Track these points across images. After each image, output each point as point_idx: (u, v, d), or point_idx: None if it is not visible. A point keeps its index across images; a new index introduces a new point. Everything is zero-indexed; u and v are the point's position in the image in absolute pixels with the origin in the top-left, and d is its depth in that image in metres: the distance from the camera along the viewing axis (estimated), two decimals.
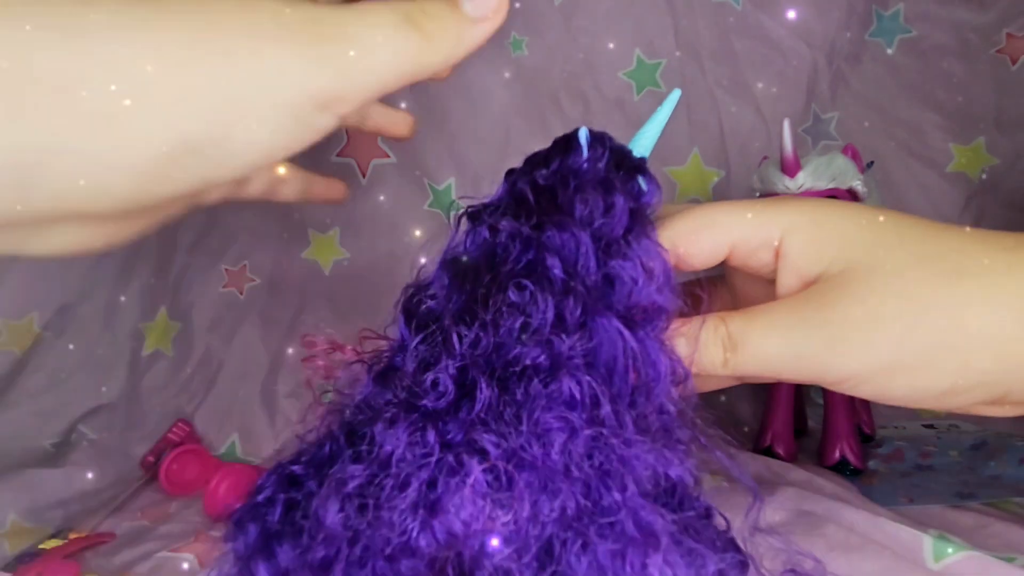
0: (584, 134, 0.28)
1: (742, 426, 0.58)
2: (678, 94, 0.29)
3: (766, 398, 0.53)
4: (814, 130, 0.73)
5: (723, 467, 0.24)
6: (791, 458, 0.49)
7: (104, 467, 0.56)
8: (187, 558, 0.41)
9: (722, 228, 0.27)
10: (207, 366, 0.68)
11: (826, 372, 0.25)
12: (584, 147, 0.28)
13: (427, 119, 0.73)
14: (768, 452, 0.50)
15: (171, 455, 0.55)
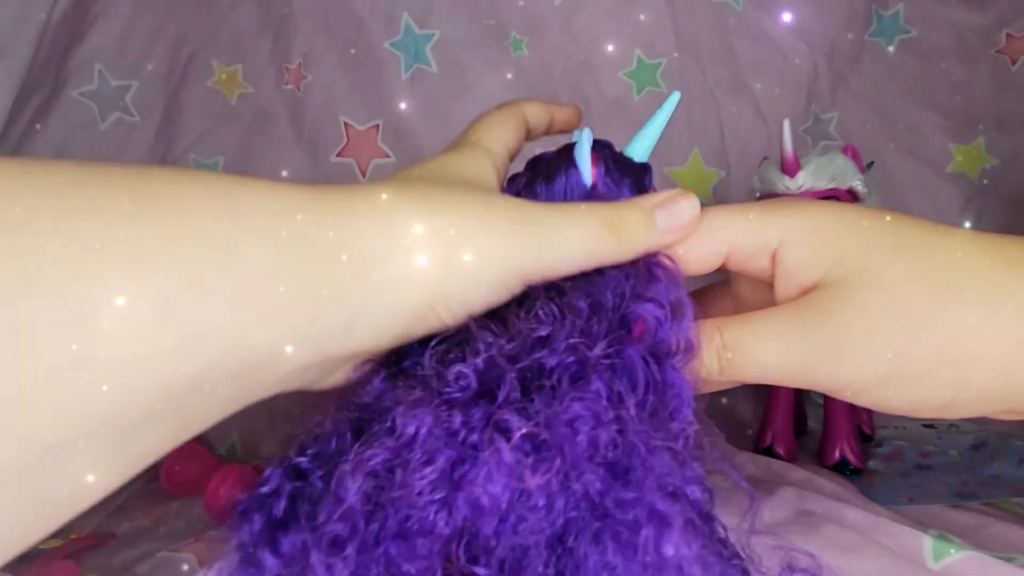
0: (585, 159, 0.28)
1: (743, 426, 0.58)
2: (677, 97, 0.29)
3: (766, 398, 0.53)
4: (814, 130, 0.73)
5: (721, 469, 0.24)
6: (791, 458, 0.49)
7: None
8: (187, 558, 0.41)
9: (719, 232, 0.27)
10: None
11: (822, 380, 0.24)
12: (585, 168, 0.27)
13: (427, 119, 0.73)
14: (768, 452, 0.50)
15: (171, 455, 0.55)
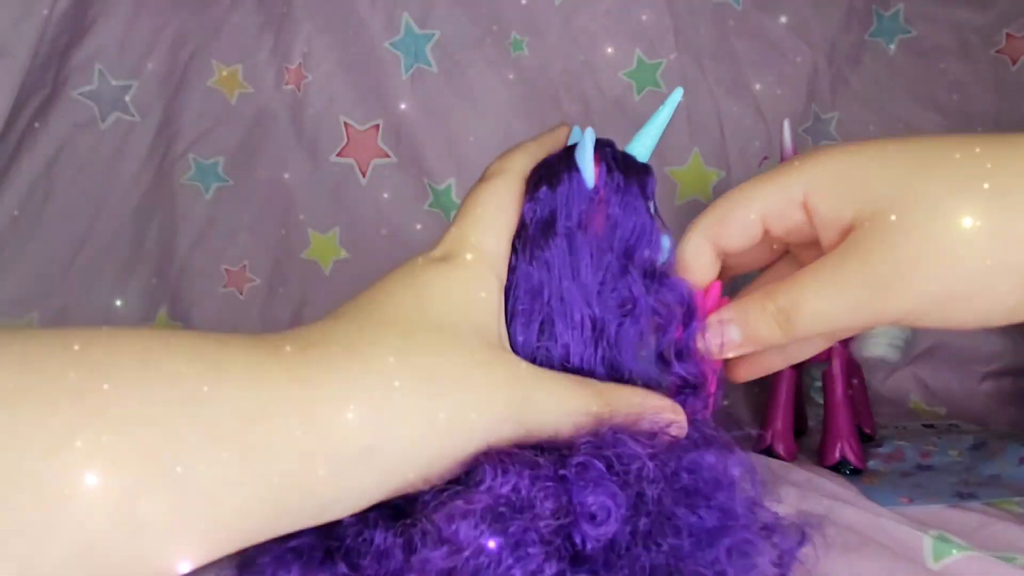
0: (587, 160, 0.27)
1: (743, 427, 0.58)
2: (679, 94, 0.29)
3: (766, 398, 0.53)
4: (814, 130, 0.73)
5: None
6: (791, 458, 0.49)
7: None
8: None
9: (746, 203, 0.27)
10: None
11: (882, 315, 0.24)
12: (587, 170, 0.27)
13: (427, 119, 0.73)
14: (768, 452, 0.50)
15: None
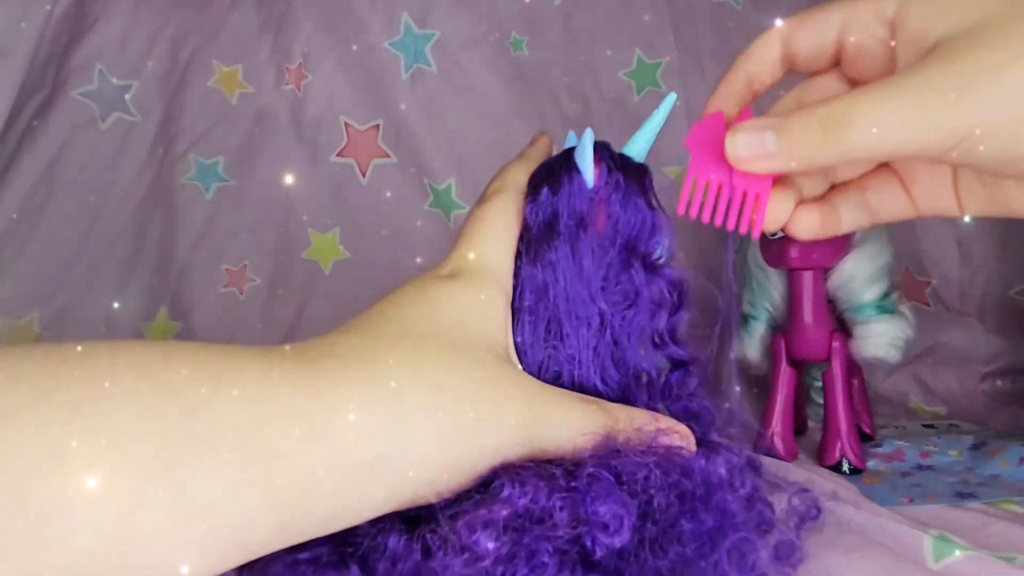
0: (588, 161, 0.28)
1: (742, 427, 0.58)
2: (673, 99, 0.29)
3: (766, 398, 0.53)
4: None
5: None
6: (791, 458, 0.49)
7: None
8: None
9: (833, 6, 0.26)
10: None
11: (948, 130, 0.22)
12: (587, 171, 0.27)
13: (427, 119, 0.73)
14: (768, 452, 0.50)
15: None
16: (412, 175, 0.73)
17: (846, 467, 0.46)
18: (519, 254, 0.27)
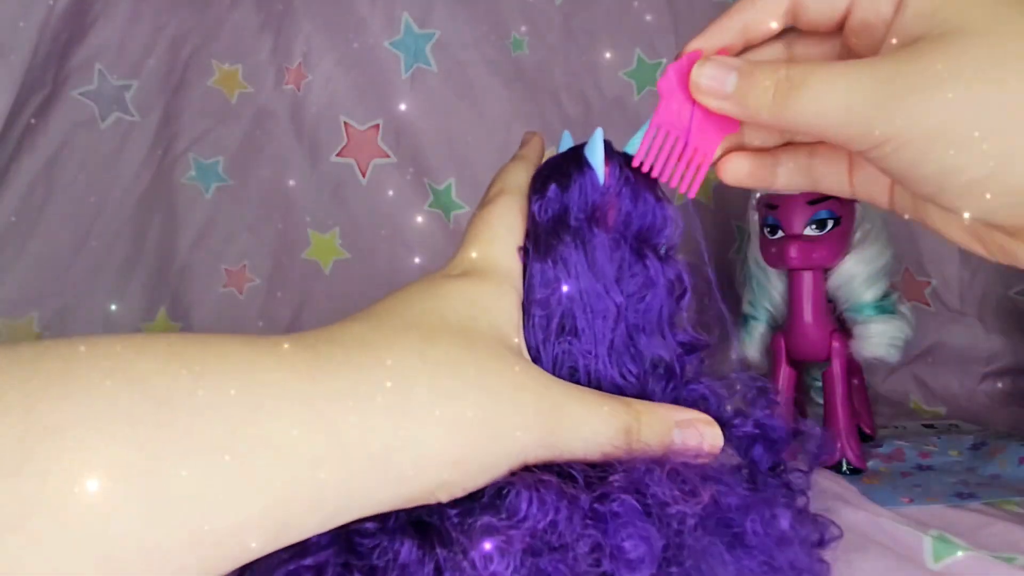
0: (599, 159, 0.28)
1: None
2: None
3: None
4: None
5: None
6: (791, 458, 0.49)
7: None
8: None
9: None
10: None
11: (867, 133, 0.23)
12: (599, 168, 0.28)
13: (427, 119, 0.73)
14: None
15: None
16: (412, 175, 0.73)
17: (846, 467, 0.46)
18: (526, 252, 0.27)
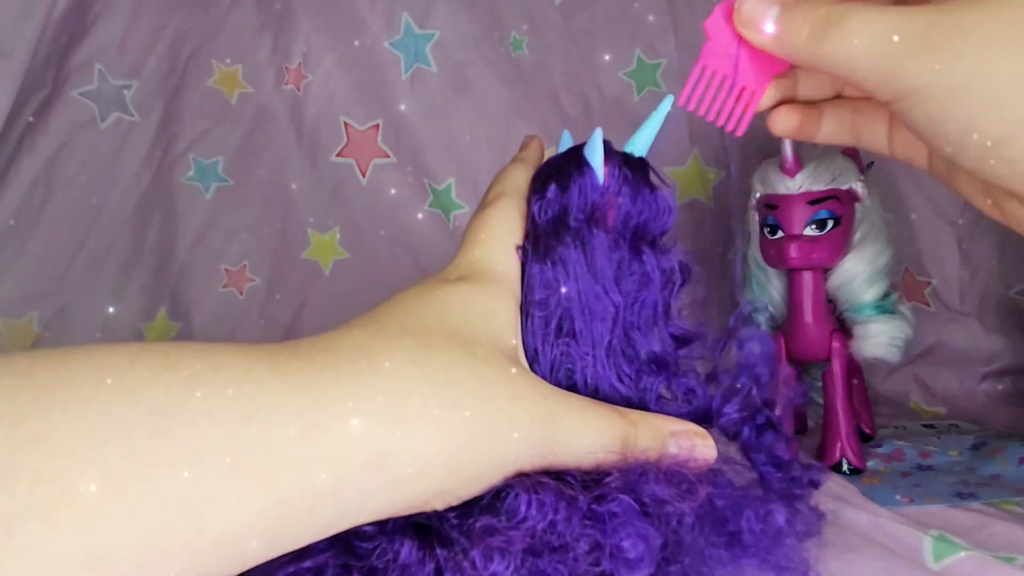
0: (599, 158, 0.28)
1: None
2: (671, 101, 0.30)
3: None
4: None
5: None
6: (792, 458, 0.49)
7: None
8: None
9: None
10: None
11: (894, 81, 0.23)
12: (599, 167, 0.28)
13: (427, 119, 0.73)
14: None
15: None
16: (412, 175, 0.73)
17: (846, 467, 0.46)
18: (526, 253, 0.27)
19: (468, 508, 0.21)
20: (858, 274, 0.47)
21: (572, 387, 0.26)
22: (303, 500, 0.18)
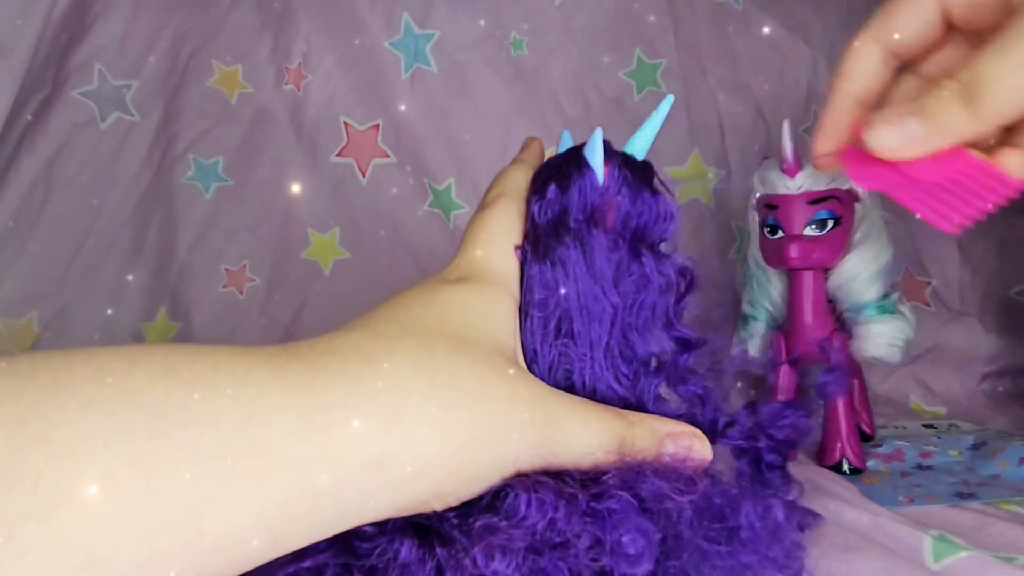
0: (598, 159, 0.28)
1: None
2: (671, 101, 0.30)
3: (765, 399, 0.53)
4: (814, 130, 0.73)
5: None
6: (792, 458, 0.49)
7: None
8: None
9: None
10: None
11: None
12: (599, 168, 0.28)
13: (427, 119, 0.73)
14: None
15: None
16: (412, 175, 0.73)
17: (846, 467, 0.46)
18: (525, 254, 0.27)
19: (468, 508, 0.21)
20: (858, 274, 0.47)
21: (570, 388, 0.26)
22: (303, 501, 0.18)
